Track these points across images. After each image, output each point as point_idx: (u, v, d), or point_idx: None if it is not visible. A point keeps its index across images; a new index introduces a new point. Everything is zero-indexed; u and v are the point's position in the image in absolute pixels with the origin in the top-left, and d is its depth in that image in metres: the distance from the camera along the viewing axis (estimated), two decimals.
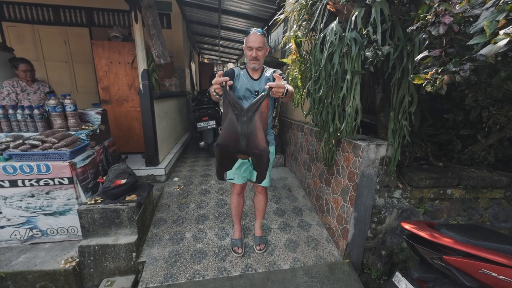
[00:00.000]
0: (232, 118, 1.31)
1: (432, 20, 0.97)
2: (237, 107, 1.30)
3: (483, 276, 1.03)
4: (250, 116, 1.30)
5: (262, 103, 1.29)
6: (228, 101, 1.31)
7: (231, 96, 1.31)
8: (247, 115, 1.29)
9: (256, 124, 1.28)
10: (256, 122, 1.28)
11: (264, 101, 1.29)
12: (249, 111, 1.29)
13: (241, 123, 1.30)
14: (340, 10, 1.66)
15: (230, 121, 1.31)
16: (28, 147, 1.88)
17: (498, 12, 0.75)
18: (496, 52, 0.72)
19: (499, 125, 1.73)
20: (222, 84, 1.28)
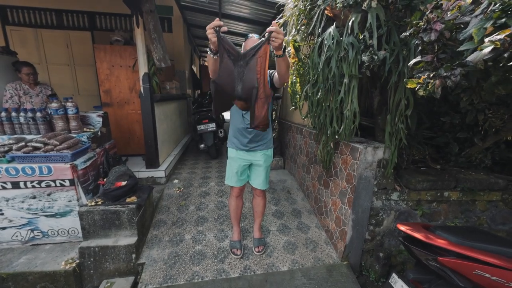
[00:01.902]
0: (229, 63, 1.23)
1: (424, 26, 1.00)
2: (233, 52, 1.22)
3: (476, 277, 1.04)
4: (247, 60, 1.22)
5: (261, 48, 1.19)
6: (222, 47, 1.21)
7: (225, 41, 1.21)
8: (244, 59, 1.22)
9: (251, 67, 1.21)
10: (252, 65, 1.21)
11: (263, 46, 1.18)
12: (246, 56, 1.22)
13: (237, 67, 1.23)
14: (338, 15, 1.69)
15: (227, 65, 1.24)
16: (30, 149, 1.91)
17: (486, 20, 0.78)
18: (481, 59, 0.74)
19: (495, 128, 1.75)
20: (216, 28, 1.18)
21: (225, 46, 1.20)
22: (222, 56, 1.23)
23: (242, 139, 1.74)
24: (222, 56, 1.23)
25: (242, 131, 1.72)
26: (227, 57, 1.22)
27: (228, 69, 1.23)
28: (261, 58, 1.20)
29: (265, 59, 1.20)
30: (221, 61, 1.24)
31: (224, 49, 1.21)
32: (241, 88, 1.25)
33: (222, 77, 1.25)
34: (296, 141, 3.19)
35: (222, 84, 1.26)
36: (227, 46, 1.20)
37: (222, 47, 1.21)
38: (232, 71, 1.23)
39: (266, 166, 1.85)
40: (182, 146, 4.40)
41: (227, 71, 1.23)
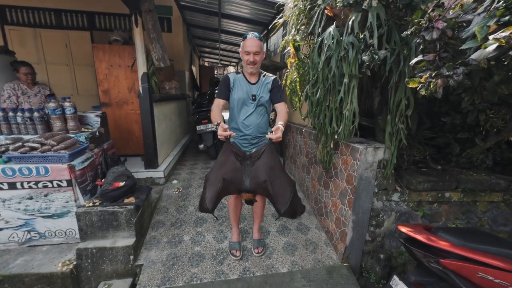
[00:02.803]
0: (236, 163, 1.43)
1: (425, 25, 0.98)
2: (240, 154, 1.43)
3: (479, 280, 1.02)
4: (253, 161, 1.42)
5: (264, 152, 1.41)
6: (230, 150, 1.43)
7: (234, 146, 1.45)
8: (250, 159, 1.43)
9: (258, 167, 1.40)
10: (258, 166, 1.40)
11: (266, 150, 1.41)
12: (252, 157, 1.43)
13: (244, 166, 1.43)
14: (338, 15, 1.68)
15: (234, 164, 1.43)
16: (27, 150, 1.89)
17: (489, 18, 0.76)
18: (485, 57, 0.73)
19: (496, 129, 1.74)
20: (227, 137, 1.39)
21: (233, 150, 1.43)
22: (228, 156, 1.44)
23: (239, 139, 1.73)
24: (228, 156, 1.44)
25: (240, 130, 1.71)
26: (234, 158, 1.43)
27: (235, 167, 1.42)
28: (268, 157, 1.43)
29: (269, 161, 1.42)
30: (228, 159, 1.43)
31: (232, 152, 1.43)
32: (249, 182, 1.42)
33: (230, 174, 1.41)
34: (296, 141, 3.18)
35: (231, 179, 1.42)
36: (234, 149, 1.44)
37: (230, 149, 1.44)
38: (240, 169, 1.43)
39: None
40: (182, 146, 4.38)
41: (235, 169, 1.42)
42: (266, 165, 1.38)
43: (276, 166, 1.43)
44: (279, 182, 1.40)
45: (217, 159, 1.49)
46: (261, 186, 1.38)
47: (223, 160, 1.45)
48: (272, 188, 1.36)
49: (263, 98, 1.67)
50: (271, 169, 1.38)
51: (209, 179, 1.46)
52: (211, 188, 1.43)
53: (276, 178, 1.39)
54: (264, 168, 1.37)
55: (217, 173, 1.42)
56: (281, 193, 1.40)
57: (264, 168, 1.38)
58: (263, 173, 1.36)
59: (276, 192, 1.39)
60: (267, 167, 1.38)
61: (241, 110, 1.68)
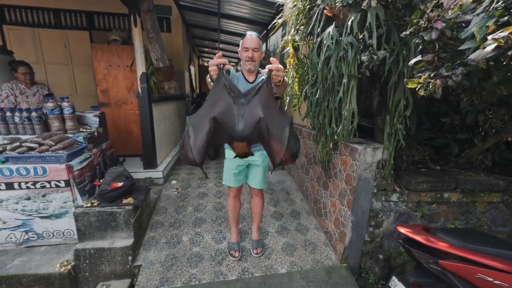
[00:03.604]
0: (228, 101, 1.19)
1: (424, 25, 0.98)
2: (234, 90, 1.19)
3: (478, 281, 1.02)
4: (249, 99, 1.19)
5: (261, 89, 1.18)
6: (223, 84, 1.19)
7: (227, 78, 1.20)
8: (245, 97, 1.19)
9: (253, 106, 1.18)
10: (254, 104, 1.18)
11: (263, 87, 1.18)
12: (247, 94, 1.19)
13: (238, 105, 1.19)
14: (337, 15, 1.67)
15: (226, 103, 1.19)
16: (25, 150, 1.88)
17: (488, 18, 0.76)
18: (484, 57, 0.73)
19: (495, 129, 1.74)
20: (220, 66, 1.18)
21: (226, 83, 1.19)
22: (220, 94, 1.20)
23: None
24: (220, 94, 1.20)
25: None
26: (227, 94, 1.19)
27: (227, 105, 1.19)
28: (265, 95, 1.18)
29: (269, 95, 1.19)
30: (220, 97, 1.20)
31: (225, 86, 1.19)
32: (243, 125, 1.19)
33: (221, 113, 1.19)
34: None
35: (222, 121, 1.19)
36: (227, 84, 1.19)
37: (223, 84, 1.19)
38: (232, 108, 1.19)
39: (264, 166, 1.83)
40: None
41: (227, 107, 1.19)
42: (263, 101, 1.18)
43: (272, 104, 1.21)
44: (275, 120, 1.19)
45: (208, 98, 1.23)
46: (257, 128, 1.18)
47: (214, 97, 1.21)
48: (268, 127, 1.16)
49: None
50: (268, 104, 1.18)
51: (195, 123, 1.20)
52: (198, 134, 1.17)
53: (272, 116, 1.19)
54: (262, 105, 1.17)
55: (209, 112, 1.18)
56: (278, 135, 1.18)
57: (262, 104, 1.17)
58: (259, 110, 1.16)
59: (272, 133, 1.18)
60: (264, 103, 1.17)
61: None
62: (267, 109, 1.17)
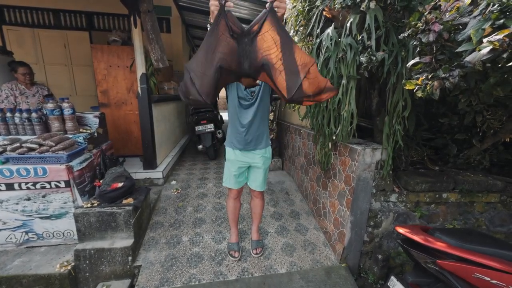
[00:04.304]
0: (232, 43, 1.08)
1: (422, 27, 0.99)
2: (236, 29, 1.07)
3: (476, 281, 1.03)
4: (252, 38, 1.07)
5: (266, 22, 1.04)
6: (225, 23, 1.05)
7: (229, 17, 1.05)
8: (248, 36, 1.07)
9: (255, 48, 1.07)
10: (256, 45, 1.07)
11: (268, 19, 1.04)
12: (250, 33, 1.07)
13: (242, 45, 1.08)
14: (336, 16, 1.68)
15: (229, 46, 1.08)
16: (25, 150, 1.89)
17: (484, 21, 0.77)
18: (479, 59, 0.74)
19: (493, 130, 1.75)
20: (221, 1, 1.04)
21: (227, 22, 1.04)
22: (222, 34, 1.06)
23: (239, 137, 1.72)
24: (222, 34, 1.06)
25: (239, 129, 1.71)
26: (229, 36, 1.06)
27: (231, 49, 1.07)
28: (271, 32, 1.04)
29: (277, 31, 1.04)
30: (222, 40, 1.07)
31: (226, 26, 1.05)
32: (248, 65, 1.10)
33: (227, 60, 1.08)
34: (295, 142, 3.18)
35: (227, 66, 1.08)
36: (229, 23, 1.04)
37: (224, 23, 1.04)
38: (236, 50, 1.08)
39: (265, 168, 1.84)
40: (180, 147, 4.37)
41: (231, 51, 1.08)
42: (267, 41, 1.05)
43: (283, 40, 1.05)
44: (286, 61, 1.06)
45: (207, 37, 1.08)
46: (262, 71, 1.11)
47: (215, 39, 1.08)
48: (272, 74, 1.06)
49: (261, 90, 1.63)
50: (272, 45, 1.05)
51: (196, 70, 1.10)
52: (204, 81, 1.09)
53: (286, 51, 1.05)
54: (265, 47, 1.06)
55: (211, 59, 1.08)
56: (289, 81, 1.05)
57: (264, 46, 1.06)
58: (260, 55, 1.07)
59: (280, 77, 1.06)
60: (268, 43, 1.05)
61: (240, 108, 1.67)
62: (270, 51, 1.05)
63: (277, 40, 1.05)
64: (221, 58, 1.06)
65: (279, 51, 1.05)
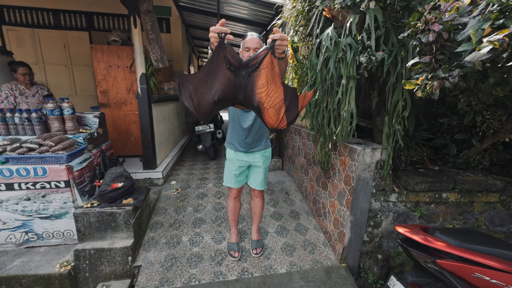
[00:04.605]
0: (229, 75, 1.10)
1: (422, 27, 0.99)
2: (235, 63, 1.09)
3: (476, 280, 1.03)
4: (249, 72, 1.10)
5: (264, 59, 1.07)
6: (223, 57, 1.08)
7: (228, 50, 1.08)
8: (246, 70, 1.10)
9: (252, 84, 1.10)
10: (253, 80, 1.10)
11: (267, 57, 1.07)
12: (248, 67, 1.10)
13: (238, 78, 1.11)
14: (336, 16, 1.69)
15: (226, 77, 1.10)
16: (25, 150, 1.89)
17: (484, 21, 0.77)
18: (479, 59, 0.74)
19: (493, 130, 1.76)
20: (220, 34, 1.06)
21: (227, 55, 1.08)
22: (222, 65, 1.10)
23: (240, 139, 1.73)
24: (222, 65, 1.10)
25: (240, 132, 1.71)
26: (226, 68, 1.10)
27: (228, 80, 1.11)
28: (266, 70, 1.08)
29: (271, 70, 1.08)
30: (219, 71, 1.10)
31: (225, 58, 1.08)
32: (243, 97, 1.13)
33: (223, 93, 1.11)
34: (294, 142, 3.18)
35: (224, 97, 1.12)
36: (228, 56, 1.08)
37: (223, 56, 1.08)
38: (233, 81, 1.11)
39: (265, 168, 1.84)
40: (180, 147, 4.37)
41: (228, 82, 1.11)
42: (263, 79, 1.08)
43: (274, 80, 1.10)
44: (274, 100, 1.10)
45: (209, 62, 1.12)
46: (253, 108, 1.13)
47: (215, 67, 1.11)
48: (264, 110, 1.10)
49: None
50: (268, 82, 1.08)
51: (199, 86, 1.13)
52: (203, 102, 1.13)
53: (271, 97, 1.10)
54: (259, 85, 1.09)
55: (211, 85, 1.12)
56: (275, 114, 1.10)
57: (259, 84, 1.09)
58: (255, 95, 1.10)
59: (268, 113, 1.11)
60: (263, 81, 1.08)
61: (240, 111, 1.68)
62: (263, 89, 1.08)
63: (269, 78, 1.09)
64: (219, 89, 1.10)
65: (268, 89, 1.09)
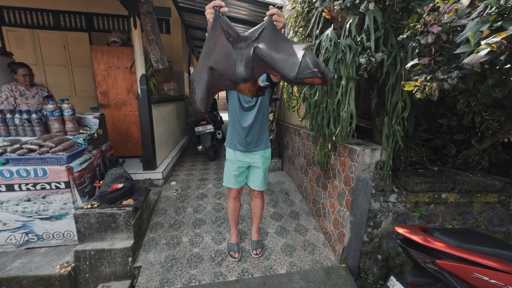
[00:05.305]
0: (227, 47, 1.08)
1: (421, 29, 1.00)
2: (232, 33, 1.07)
3: (475, 280, 1.04)
4: (249, 43, 1.07)
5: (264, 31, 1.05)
6: (221, 28, 1.07)
7: (224, 21, 1.07)
8: (245, 41, 1.08)
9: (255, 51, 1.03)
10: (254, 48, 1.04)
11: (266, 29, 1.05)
12: (247, 39, 1.08)
13: (237, 49, 1.08)
14: (335, 18, 1.69)
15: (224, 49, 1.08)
16: (25, 152, 1.89)
17: (482, 23, 0.78)
18: (478, 61, 0.74)
19: (492, 130, 1.76)
20: (216, 8, 1.07)
21: (224, 26, 1.06)
22: (218, 39, 1.08)
23: (240, 138, 1.73)
24: (218, 39, 1.08)
25: (240, 131, 1.71)
26: (225, 39, 1.07)
27: (226, 52, 1.07)
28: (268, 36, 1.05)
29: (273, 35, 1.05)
30: (217, 44, 1.08)
31: (222, 30, 1.07)
32: (243, 67, 1.08)
33: (218, 62, 1.08)
34: (294, 142, 3.19)
35: (219, 69, 1.08)
36: (225, 27, 1.06)
37: (220, 28, 1.07)
38: (231, 54, 1.08)
39: (265, 168, 1.84)
40: (180, 147, 4.38)
41: (225, 54, 1.08)
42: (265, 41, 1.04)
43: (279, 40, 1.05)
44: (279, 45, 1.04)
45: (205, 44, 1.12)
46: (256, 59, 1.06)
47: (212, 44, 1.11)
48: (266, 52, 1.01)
49: None
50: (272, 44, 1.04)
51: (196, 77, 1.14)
52: (199, 86, 1.11)
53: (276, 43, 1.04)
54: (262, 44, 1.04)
55: (203, 64, 1.11)
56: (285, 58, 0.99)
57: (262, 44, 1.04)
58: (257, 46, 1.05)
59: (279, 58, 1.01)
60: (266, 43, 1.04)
61: (240, 111, 1.68)
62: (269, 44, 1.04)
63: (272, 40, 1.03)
64: (214, 60, 1.07)
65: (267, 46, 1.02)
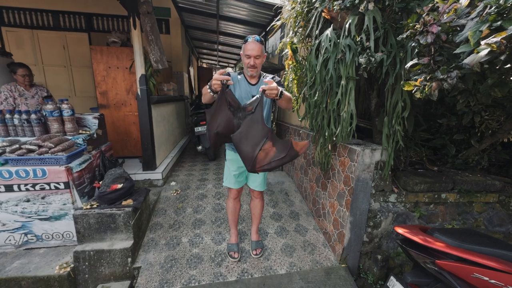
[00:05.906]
0: (229, 115, 1.40)
1: (420, 29, 1.00)
2: (234, 105, 1.39)
3: (475, 280, 1.04)
4: (245, 115, 1.38)
5: (256, 109, 1.35)
6: (225, 99, 1.35)
7: (229, 94, 1.36)
8: (243, 112, 1.39)
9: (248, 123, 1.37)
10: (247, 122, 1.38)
11: (259, 104, 1.35)
12: (245, 110, 1.37)
13: (237, 118, 1.41)
14: (335, 18, 1.69)
15: (227, 117, 1.40)
16: (24, 152, 1.88)
17: (481, 23, 0.78)
18: (478, 61, 0.74)
19: (491, 130, 1.76)
20: (223, 81, 1.31)
21: (228, 98, 1.36)
22: (222, 107, 1.38)
23: None
24: (222, 107, 1.38)
25: None
26: (227, 109, 1.38)
27: (228, 119, 1.40)
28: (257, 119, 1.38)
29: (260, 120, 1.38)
30: (220, 110, 1.39)
31: (226, 101, 1.37)
32: (239, 133, 1.39)
33: (223, 128, 1.41)
34: None
35: (223, 132, 1.42)
36: (229, 99, 1.36)
37: (225, 99, 1.36)
38: (232, 121, 1.40)
39: None
40: (180, 148, 4.37)
41: (227, 120, 1.40)
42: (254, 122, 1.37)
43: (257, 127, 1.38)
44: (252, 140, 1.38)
45: (212, 108, 1.43)
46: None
47: (216, 109, 1.41)
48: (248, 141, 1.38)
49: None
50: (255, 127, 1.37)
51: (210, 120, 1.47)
52: (210, 133, 1.47)
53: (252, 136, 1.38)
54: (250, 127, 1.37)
55: (215, 120, 1.42)
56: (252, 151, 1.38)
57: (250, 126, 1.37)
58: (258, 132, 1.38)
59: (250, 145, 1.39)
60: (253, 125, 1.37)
61: None
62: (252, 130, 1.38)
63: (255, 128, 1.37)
64: (220, 125, 1.41)
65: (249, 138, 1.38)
